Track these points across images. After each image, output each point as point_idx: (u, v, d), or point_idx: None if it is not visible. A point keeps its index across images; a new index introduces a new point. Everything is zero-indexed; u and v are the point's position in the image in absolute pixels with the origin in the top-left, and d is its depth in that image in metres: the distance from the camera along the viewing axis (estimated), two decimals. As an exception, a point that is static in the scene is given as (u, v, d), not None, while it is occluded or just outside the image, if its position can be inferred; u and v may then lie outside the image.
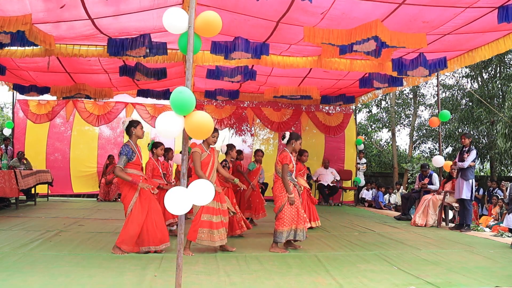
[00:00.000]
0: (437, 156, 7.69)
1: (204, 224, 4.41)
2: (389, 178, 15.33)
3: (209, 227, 4.41)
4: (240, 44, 5.63)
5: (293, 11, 4.82)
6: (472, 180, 6.75)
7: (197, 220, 4.43)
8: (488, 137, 14.04)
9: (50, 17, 5.18)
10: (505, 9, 4.64)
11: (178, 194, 2.67)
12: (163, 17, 2.96)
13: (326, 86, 9.22)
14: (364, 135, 16.40)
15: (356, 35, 5.01)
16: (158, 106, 10.88)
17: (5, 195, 7.42)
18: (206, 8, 4.22)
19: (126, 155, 4.35)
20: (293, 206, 4.67)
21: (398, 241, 5.63)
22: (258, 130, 11.48)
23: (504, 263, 4.46)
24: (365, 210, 10.12)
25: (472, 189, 6.71)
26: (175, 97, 2.70)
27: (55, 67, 7.45)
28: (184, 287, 2.93)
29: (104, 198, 10.00)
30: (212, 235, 4.39)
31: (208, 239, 4.39)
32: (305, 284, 3.44)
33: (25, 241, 4.81)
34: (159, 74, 7.53)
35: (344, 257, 4.52)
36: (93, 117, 10.69)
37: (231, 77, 7.40)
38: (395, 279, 3.65)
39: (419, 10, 4.84)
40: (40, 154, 10.45)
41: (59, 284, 3.23)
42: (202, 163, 4.48)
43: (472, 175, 6.76)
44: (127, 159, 4.36)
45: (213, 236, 4.40)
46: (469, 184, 6.73)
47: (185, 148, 2.98)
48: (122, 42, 5.77)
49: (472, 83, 15.39)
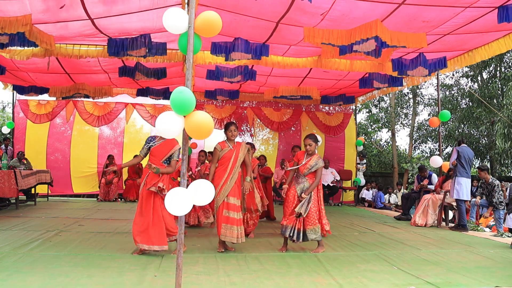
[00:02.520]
0: (434, 157, 7.71)
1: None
2: (389, 178, 15.34)
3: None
4: (240, 45, 5.63)
5: (293, 11, 4.82)
6: (461, 179, 6.74)
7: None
8: (488, 137, 14.05)
9: (50, 17, 5.18)
10: (505, 8, 4.64)
11: (178, 194, 2.67)
12: (163, 17, 2.96)
13: (326, 86, 9.22)
14: (364, 135, 16.40)
15: (356, 35, 5.01)
16: (158, 106, 10.89)
17: (4, 195, 7.42)
18: (206, 8, 4.22)
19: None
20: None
21: (398, 241, 5.63)
22: (258, 130, 11.48)
23: (504, 263, 4.46)
24: (365, 210, 10.12)
25: (463, 188, 6.71)
26: (175, 97, 2.69)
27: (54, 67, 7.45)
28: (184, 287, 2.93)
29: (104, 198, 10.00)
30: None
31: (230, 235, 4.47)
32: (305, 284, 3.44)
33: (25, 241, 4.81)
34: (159, 74, 7.54)
35: (344, 257, 4.52)
36: (93, 117, 10.71)
37: (231, 77, 7.40)
38: (395, 279, 3.64)
39: (419, 10, 4.84)
40: (40, 154, 10.46)
41: (58, 284, 3.22)
42: (223, 157, 4.61)
43: (460, 174, 6.76)
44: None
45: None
46: (459, 184, 6.73)
47: (185, 148, 2.98)
48: (122, 42, 5.78)
49: (472, 83, 15.40)
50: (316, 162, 4.66)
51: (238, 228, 4.48)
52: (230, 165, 4.55)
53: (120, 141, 11.10)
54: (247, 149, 4.78)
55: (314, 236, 4.61)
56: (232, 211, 4.51)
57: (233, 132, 4.67)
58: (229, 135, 4.66)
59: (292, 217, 4.62)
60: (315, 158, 4.69)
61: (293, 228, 4.60)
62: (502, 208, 7.12)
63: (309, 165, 4.66)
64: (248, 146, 4.84)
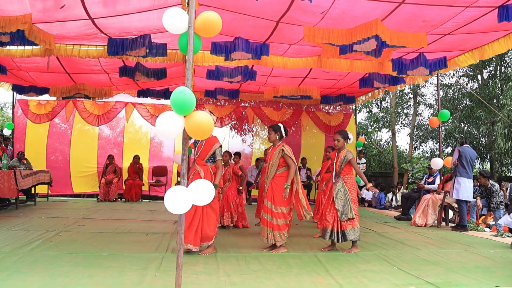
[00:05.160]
0: (435, 159, 7.72)
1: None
2: (389, 178, 15.33)
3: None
4: (240, 45, 5.63)
5: (293, 10, 4.82)
6: (461, 179, 6.74)
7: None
8: (488, 137, 14.04)
9: (50, 17, 5.18)
10: (505, 8, 4.64)
11: (178, 194, 2.67)
12: (163, 17, 2.95)
13: (326, 86, 9.22)
14: (364, 135, 16.39)
15: (356, 34, 5.01)
16: (158, 106, 10.89)
17: (3, 195, 7.42)
18: (206, 8, 4.21)
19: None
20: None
21: (398, 241, 5.63)
22: (258, 130, 11.49)
23: (504, 263, 4.46)
24: (365, 210, 10.11)
25: (463, 188, 6.70)
26: (176, 97, 2.69)
27: (54, 67, 7.45)
28: (184, 287, 2.93)
29: (104, 198, 10.00)
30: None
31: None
32: (305, 284, 3.44)
33: (25, 241, 4.80)
34: (159, 74, 7.54)
35: (344, 257, 4.52)
36: (93, 116, 10.71)
37: (231, 77, 7.41)
38: (395, 279, 3.64)
39: (419, 9, 4.84)
40: (40, 154, 10.45)
41: (58, 284, 3.22)
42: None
43: (460, 174, 6.76)
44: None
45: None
46: (459, 184, 6.73)
47: (185, 148, 2.98)
48: (122, 42, 5.78)
49: (472, 83, 15.40)
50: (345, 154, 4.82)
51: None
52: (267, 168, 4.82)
53: (120, 141, 11.10)
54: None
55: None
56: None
57: (270, 135, 4.82)
58: (269, 138, 4.91)
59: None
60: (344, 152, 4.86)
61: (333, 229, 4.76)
62: (502, 208, 7.12)
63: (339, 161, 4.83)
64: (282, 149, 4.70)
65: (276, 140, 4.74)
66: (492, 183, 7.49)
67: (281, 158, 4.63)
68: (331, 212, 4.74)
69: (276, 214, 4.55)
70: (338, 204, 4.68)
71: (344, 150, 4.84)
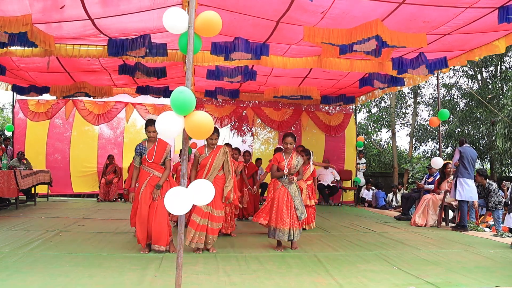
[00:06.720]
0: (435, 158, 7.72)
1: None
2: (389, 178, 15.33)
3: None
4: (240, 45, 5.63)
5: (293, 10, 4.82)
6: (463, 180, 6.74)
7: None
8: (488, 137, 14.04)
9: (50, 17, 5.17)
10: (505, 9, 4.64)
11: (178, 194, 2.67)
12: (163, 17, 2.95)
13: (326, 86, 9.22)
14: (364, 135, 16.39)
15: (356, 34, 5.01)
16: (158, 105, 10.89)
17: (3, 195, 7.42)
18: (206, 8, 4.21)
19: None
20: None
21: (398, 241, 5.63)
22: (258, 130, 11.48)
23: (504, 263, 4.46)
24: (365, 210, 10.12)
25: (465, 189, 6.70)
26: (175, 97, 2.69)
27: (54, 67, 7.45)
28: (184, 287, 2.93)
29: (104, 198, 10.00)
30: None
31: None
32: (305, 284, 3.44)
33: (25, 241, 4.81)
34: (159, 73, 7.54)
35: (344, 257, 4.52)
36: (92, 115, 10.70)
37: (231, 77, 7.40)
38: (395, 279, 3.64)
39: (419, 10, 4.84)
40: (40, 154, 10.45)
41: (58, 284, 3.22)
42: (200, 165, 4.62)
43: (462, 175, 6.75)
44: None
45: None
46: (461, 185, 6.73)
47: (185, 148, 2.98)
48: (122, 42, 5.77)
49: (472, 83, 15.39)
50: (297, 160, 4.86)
51: (196, 233, 4.44)
52: (205, 173, 4.54)
53: (120, 141, 11.10)
54: (226, 152, 4.67)
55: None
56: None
57: (214, 140, 4.64)
58: (209, 142, 4.64)
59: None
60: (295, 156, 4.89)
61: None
62: (500, 208, 7.12)
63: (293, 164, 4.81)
64: (227, 148, 4.74)
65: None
66: (489, 182, 7.48)
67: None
68: (289, 213, 4.72)
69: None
70: (298, 204, 4.78)
71: (295, 153, 4.92)
